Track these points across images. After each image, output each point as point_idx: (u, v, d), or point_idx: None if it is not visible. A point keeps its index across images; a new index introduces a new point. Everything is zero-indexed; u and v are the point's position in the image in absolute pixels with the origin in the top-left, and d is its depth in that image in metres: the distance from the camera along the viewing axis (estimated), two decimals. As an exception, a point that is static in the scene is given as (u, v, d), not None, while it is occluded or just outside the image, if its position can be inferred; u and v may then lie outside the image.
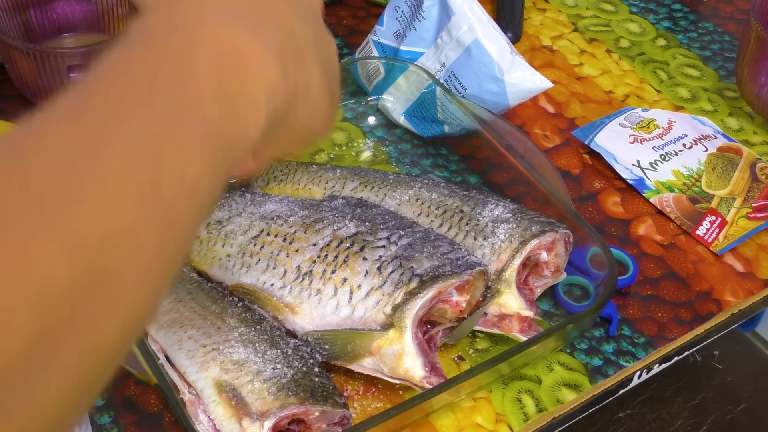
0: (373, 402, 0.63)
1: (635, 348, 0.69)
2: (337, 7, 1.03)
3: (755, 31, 0.85)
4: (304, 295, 0.63)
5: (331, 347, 0.60)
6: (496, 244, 0.67)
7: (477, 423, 0.63)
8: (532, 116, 0.90)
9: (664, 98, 0.94)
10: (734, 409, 0.95)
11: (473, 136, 0.78)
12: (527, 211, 0.69)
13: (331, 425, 0.57)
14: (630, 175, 0.82)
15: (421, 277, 0.61)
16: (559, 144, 0.87)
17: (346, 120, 0.86)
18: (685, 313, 0.72)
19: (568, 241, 0.68)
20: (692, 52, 1.00)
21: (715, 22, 1.05)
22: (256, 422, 0.55)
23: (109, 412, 0.62)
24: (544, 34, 1.02)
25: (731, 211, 0.79)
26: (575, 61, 0.98)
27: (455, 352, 0.66)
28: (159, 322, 0.61)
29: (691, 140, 0.86)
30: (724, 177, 0.82)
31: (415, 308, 0.60)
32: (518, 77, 0.80)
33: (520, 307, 0.65)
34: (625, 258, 0.74)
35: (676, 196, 0.81)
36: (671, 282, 0.74)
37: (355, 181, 0.75)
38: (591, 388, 0.66)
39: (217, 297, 0.64)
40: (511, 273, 0.65)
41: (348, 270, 0.63)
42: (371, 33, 0.89)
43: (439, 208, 0.71)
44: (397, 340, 0.60)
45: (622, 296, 0.72)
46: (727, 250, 0.77)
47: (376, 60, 0.85)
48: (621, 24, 1.04)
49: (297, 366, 0.58)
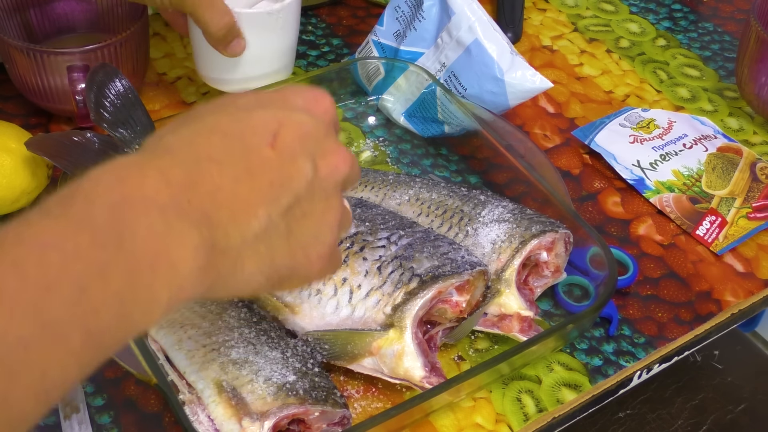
0: (373, 402, 0.63)
1: (635, 348, 0.69)
2: (337, 7, 1.03)
3: (755, 31, 0.85)
4: (304, 295, 0.63)
5: (331, 347, 0.60)
6: (496, 244, 0.67)
7: (477, 423, 0.63)
8: (532, 116, 0.90)
9: (664, 98, 0.94)
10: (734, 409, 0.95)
11: (473, 136, 0.78)
12: (527, 211, 0.69)
13: (331, 425, 0.57)
14: (630, 175, 0.82)
15: (421, 277, 0.61)
16: (559, 144, 0.87)
17: (346, 120, 0.86)
18: (685, 313, 0.72)
19: (568, 241, 0.68)
20: (692, 52, 1.00)
21: (715, 22, 1.05)
22: (256, 422, 0.54)
23: (109, 412, 0.62)
24: (544, 34, 1.02)
25: (731, 211, 0.79)
26: (575, 61, 0.98)
27: (455, 352, 0.66)
28: (159, 323, 0.61)
29: (691, 140, 0.86)
30: (724, 177, 0.82)
31: (415, 308, 0.60)
32: (518, 77, 0.80)
33: (520, 307, 0.65)
34: (625, 258, 0.74)
35: (676, 196, 0.81)
36: (671, 282, 0.74)
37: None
38: (591, 388, 0.66)
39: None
40: (511, 273, 0.65)
41: (348, 270, 0.63)
42: (371, 33, 0.89)
43: (439, 208, 0.71)
44: (397, 340, 0.60)
45: (622, 296, 0.72)
46: (727, 250, 0.77)
47: (376, 60, 0.85)
48: (621, 24, 1.04)
49: (297, 366, 0.58)
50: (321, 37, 0.98)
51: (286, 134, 0.41)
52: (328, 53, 0.96)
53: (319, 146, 0.42)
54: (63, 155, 0.68)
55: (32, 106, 0.84)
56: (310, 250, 0.43)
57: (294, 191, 0.41)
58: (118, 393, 0.63)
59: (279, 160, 0.40)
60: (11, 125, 0.74)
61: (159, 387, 0.56)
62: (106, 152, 0.68)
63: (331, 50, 0.97)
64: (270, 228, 0.40)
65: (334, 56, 0.96)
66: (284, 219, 0.41)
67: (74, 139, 0.69)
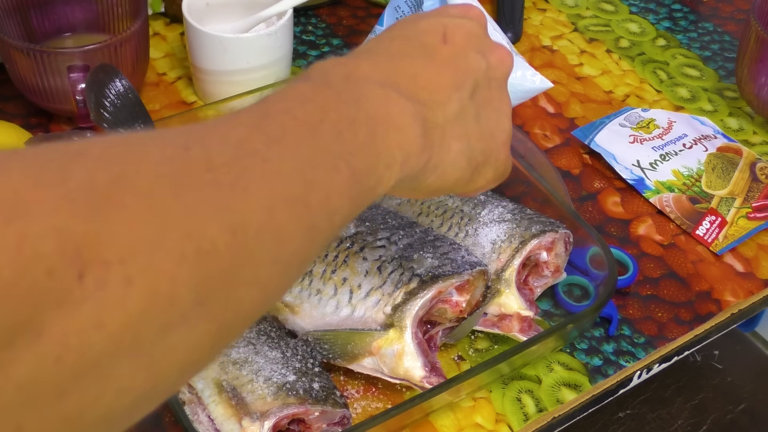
0: (373, 402, 0.63)
1: (635, 348, 0.69)
2: (337, 7, 1.03)
3: (755, 31, 0.85)
4: (304, 295, 0.63)
5: (331, 347, 0.60)
6: (496, 244, 0.67)
7: (477, 423, 0.63)
8: (532, 116, 0.90)
9: (664, 98, 0.94)
10: (734, 409, 0.95)
11: (473, 136, 0.78)
12: (527, 211, 0.69)
13: (331, 425, 0.57)
14: (630, 175, 0.82)
15: (421, 277, 0.61)
16: (559, 144, 0.87)
17: (346, 120, 0.86)
18: (685, 313, 0.72)
19: (568, 241, 0.68)
20: (692, 52, 1.00)
21: (715, 22, 1.05)
22: (256, 422, 0.55)
23: (109, 412, 0.62)
24: (544, 34, 1.02)
25: (731, 211, 0.79)
26: (575, 61, 0.98)
27: (455, 352, 0.66)
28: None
29: (691, 140, 0.86)
30: (724, 177, 0.82)
31: (415, 308, 0.60)
32: (518, 77, 0.80)
33: (520, 307, 0.65)
34: (625, 258, 0.74)
35: (676, 196, 0.81)
36: (671, 282, 0.74)
37: (355, 181, 0.75)
38: (591, 388, 0.66)
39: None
40: (511, 273, 0.65)
41: (348, 270, 0.63)
42: (371, 33, 0.89)
43: (438, 208, 0.71)
44: (397, 340, 0.60)
45: (622, 296, 0.72)
46: (727, 250, 0.77)
47: (376, 60, 0.85)
48: (621, 24, 1.04)
49: (297, 366, 0.58)
50: (321, 37, 0.98)
51: (454, 33, 0.46)
52: (328, 53, 0.96)
53: (484, 42, 0.48)
54: (63, 155, 0.67)
55: (32, 106, 0.84)
56: (496, 134, 0.49)
57: (474, 78, 0.46)
58: (118, 393, 0.63)
59: (454, 53, 0.46)
60: (11, 125, 0.74)
61: (159, 387, 0.56)
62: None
63: (331, 50, 0.97)
64: (463, 110, 0.45)
65: (334, 56, 0.96)
66: (472, 103, 0.46)
67: (74, 139, 0.68)
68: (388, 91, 0.41)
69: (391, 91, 0.41)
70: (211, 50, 0.82)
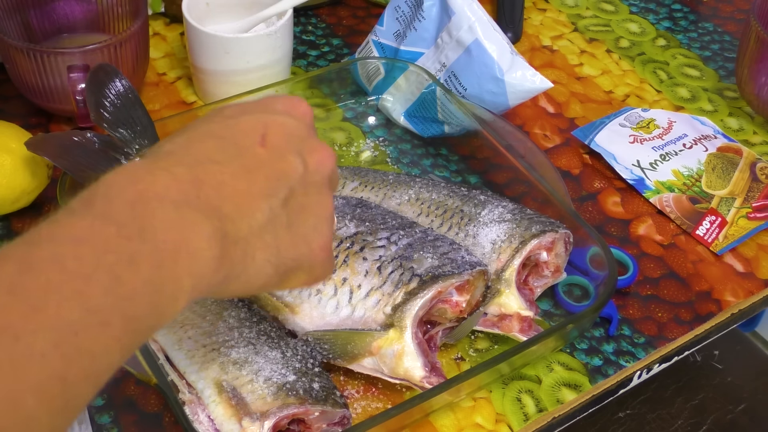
0: (373, 402, 0.63)
1: (635, 348, 0.69)
2: (337, 7, 1.03)
3: (755, 31, 0.85)
4: (304, 295, 0.63)
5: (331, 347, 0.60)
6: (496, 244, 0.67)
7: (477, 423, 0.63)
8: (532, 116, 0.90)
9: (664, 98, 0.94)
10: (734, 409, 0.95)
11: (473, 136, 0.78)
12: (527, 211, 0.69)
13: (331, 425, 0.57)
14: (630, 175, 0.82)
15: (421, 277, 0.61)
16: (559, 144, 0.87)
17: (346, 120, 0.86)
18: (685, 313, 0.72)
19: (568, 241, 0.68)
20: (692, 52, 1.00)
21: (715, 22, 1.05)
22: (256, 422, 0.55)
23: (109, 412, 0.62)
24: (544, 34, 1.02)
25: (731, 211, 0.79)
26: (575, 61, 0.98)
27: (455, 352, 0.66)
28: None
29: (691, 140, 0.86)
30: (724, 177, 0.82)
31: (415, 308, 0.60)
32: (518, 77, 0.80)
33: (520, 307, 0.65)
34: (625, 258, 0.74)
35: (676, 196, 0.81)
36: (671, 282, 0.74)
37: (355, 181, 0.75)
38: (591, 388, 0.66)
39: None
40: (511, 273, 0.65)
41: (348, 270, 0.63)
42: (371, 33, 0.89)
43: (439, 208, 0.71)
44: (397, 340, 0.60)
45: (622, 296, 0.72)
46: (727, 250, 0.77)
47: (376, 60, 0.85)
48: (621, 24, 1.04)
49: (297, 366, 0.58)
50: (321, 37, 0.98)
51: (273, 134, 0.44)
52: (328, 53, 0.96)
53: (305, 144, 0.45)
54: (63, 155, 0.68)
55: (32, 106, 0.84)
56: (311, 240, 0.46)
57: (289, 184, 0.43)
58: (118, 393, 0.63)
59: (270, 157, 0.43)
60: (11, 125, 0.74)
61: (159, 387, 0.56)
62: (106, 152, 0.68)
63: (331, 50, 0.97)
64: (273, 219, 0.43)
65: (334, 56, 0.96)
66: (284, 210, 0.43)
67: (74, 139, 0.68)
68: (183, 211, 0.38)
69: (188, 210, 0.38)
70: (211, 50, 0.82)
